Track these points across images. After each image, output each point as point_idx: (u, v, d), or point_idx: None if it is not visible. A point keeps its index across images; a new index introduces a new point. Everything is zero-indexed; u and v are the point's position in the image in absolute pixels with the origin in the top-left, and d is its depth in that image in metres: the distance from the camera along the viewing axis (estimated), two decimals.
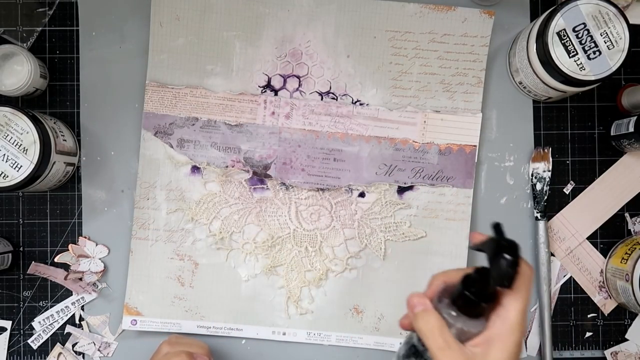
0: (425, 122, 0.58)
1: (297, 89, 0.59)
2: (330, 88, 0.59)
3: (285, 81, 0.59)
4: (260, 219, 0.59)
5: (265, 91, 0.59)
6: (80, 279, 0.59)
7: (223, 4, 0.58)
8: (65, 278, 0.58)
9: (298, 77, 0.59)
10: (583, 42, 0.51)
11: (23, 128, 0.51)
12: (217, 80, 0.59)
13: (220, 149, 0.59)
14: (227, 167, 0.59)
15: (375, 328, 0.59)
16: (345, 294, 0.59)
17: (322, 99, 0.59)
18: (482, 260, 0.37)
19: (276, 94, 0.59)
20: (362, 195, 0.59)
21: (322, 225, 0.59)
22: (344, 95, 0.59)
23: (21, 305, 0.59)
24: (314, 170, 0.59)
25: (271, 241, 0.59)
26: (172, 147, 0.59)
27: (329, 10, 0.58)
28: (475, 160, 0.58)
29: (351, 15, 0.58)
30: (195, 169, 0.59)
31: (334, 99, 0.59)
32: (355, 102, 0.59)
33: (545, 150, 0.60)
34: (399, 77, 0.59)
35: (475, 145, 0.58)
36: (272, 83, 0.59)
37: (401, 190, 0.58)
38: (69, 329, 0.59)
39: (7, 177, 0.51)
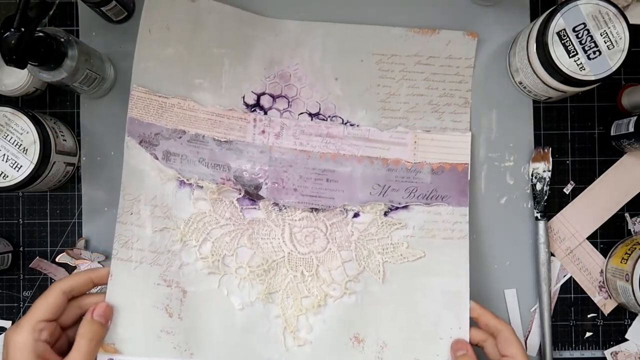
0: (415, 142, 0.58)
1: (287, 109, 0.58)
2: (320, 109, 0.58)
3: (274, 101, 0.58)
4: (252, 242, 0.56)
5: (254, 110, 0.57)
6: None
7: (215, 22, 0.57)
8: None
9: (287, 98, 0.58)
10: (583, 42, 0.51)
11: (23, 128, 0.51)
12: (205, 95, 0.57)
13: (209, 165, 0.56)
14: (217, 184, 0.56)
15: (378, 358, 0.55)
16: (344, 322, 0.55)
17: (312, 120, 0.58)
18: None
19: (266, 114, 0.58)
20: (356, 215, 0.57)
21: (317, 248, 0.56)
22: (334, 116, 0.58)
23: (21, 305, 0.59)
24: (307, 190, 0.57)
25: (266, 265, 0.56)
26: (157, 159, 0.55)
27: (316, 34, 0.58)
28: (469, 178, 0.57)
29: (338, 39, 0.58)
30: (183, 184, 0.56)
31: (323, 119, 0.58)
32: (346, 122, 0.58)
33: (545, 150, 0.60)
34: (387, 99, 0.58)
35: (467, 164, 0.58)
36: (261, 102, 0.58)
37: (391, 209, 0.57)
38: None
39: (7, 177, 0.51)
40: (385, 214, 0.57)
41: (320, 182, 0.57)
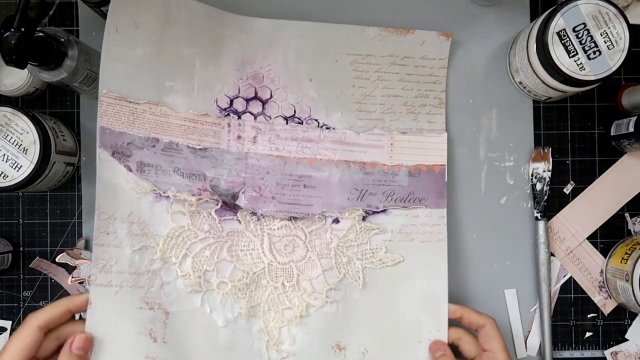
0: (392, 144, 0.57)
1: (262, 113, 0.56)
2: (295, 112, 0.57)
3: (248, 104, 0.56)
4: (232, 254, 0.54)
5: (228, 114, 0.55)
6: (81, 283, 0.59)
7: (184, 17, 0.54)
8: (70, 282, 0.58)
9: (261, 101, 0.57)
10: (583, 42, 0.51)
11: (23, 128, 0.51)
12: (177, 99, 0.54)
13: (184, 175, 0.53)
14: (194, 195, 0.53)
15: None
16: (326, 330, 0.55)
17: (287, 123, 0.57)
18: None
19: (239, 118, 0.56)
20: (336, 221, 0.56)
21: (297, 257, 0.55)
22: (309, 119, 0.57)
23: (21, 305, 0.59)
24: (285, 198, 0.55)
25: (247, 279, 0.54)
26: (130, 171, 0.52)
27: (289, 34, 0.57)
28: (446, 180, 0.57)
29: (311, 39, 0.57)
30: (159, 197, 0.53)
31: (299, 123, 0.57)
32: (322, 126, 0.57)
33: (545, 150, 0.60)
34: (363, 100, 0.57)
35: (443, 165, 0.57)
36: (234, 106, 0.56)
37: (369, 213, 0.56)
38: None
39: (7, 177, 0.51)
40: (364, 218, 0.56)
41: (297, 188, 0.56)
